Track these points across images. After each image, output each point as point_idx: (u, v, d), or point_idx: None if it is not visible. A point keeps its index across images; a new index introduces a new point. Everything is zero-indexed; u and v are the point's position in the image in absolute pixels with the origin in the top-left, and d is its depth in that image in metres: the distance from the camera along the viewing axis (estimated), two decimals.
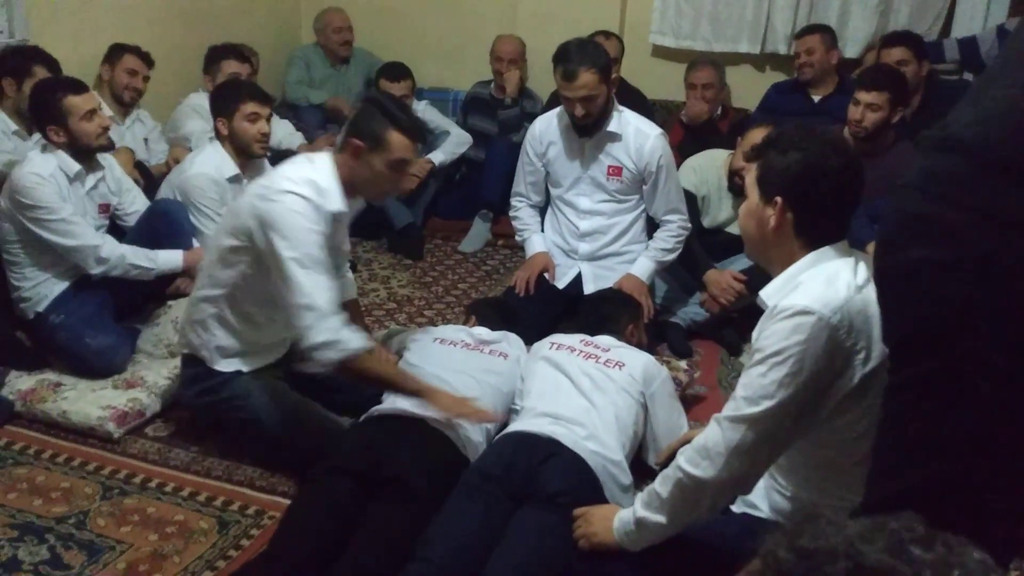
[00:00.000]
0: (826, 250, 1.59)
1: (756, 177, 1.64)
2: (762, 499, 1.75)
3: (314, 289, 2.13)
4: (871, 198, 2.00)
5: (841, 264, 1.57)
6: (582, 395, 2.24)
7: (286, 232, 2.16)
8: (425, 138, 2.36)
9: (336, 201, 2.28)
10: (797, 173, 1.57)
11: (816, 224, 1.59)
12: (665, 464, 1.74)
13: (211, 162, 3.14)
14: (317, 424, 2.38)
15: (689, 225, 3.22)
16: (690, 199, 3.29)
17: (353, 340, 2.14)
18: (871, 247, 2.57)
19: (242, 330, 2.40)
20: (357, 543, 1.92)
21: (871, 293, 1.56)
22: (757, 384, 1.52)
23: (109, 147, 2.99)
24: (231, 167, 3.16)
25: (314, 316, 2.12)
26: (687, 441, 1.72)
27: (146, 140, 3.86)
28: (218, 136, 3.18)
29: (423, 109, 4.52)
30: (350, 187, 2.33)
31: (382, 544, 1.92)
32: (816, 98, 4.13)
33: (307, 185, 2.23)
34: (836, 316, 1.48)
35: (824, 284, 1.52)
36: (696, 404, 2.83)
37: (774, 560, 0.57)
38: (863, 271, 1.57)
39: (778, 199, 1.58)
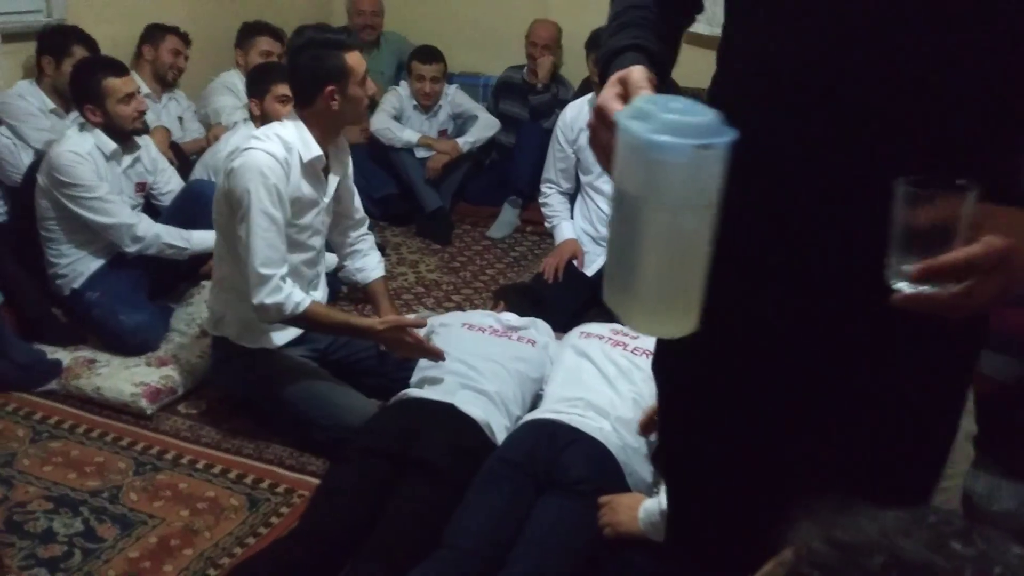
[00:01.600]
0: None
1: None
2: None
3: (261, 247, 2.27)
4: None
5: None
6: (606, 382, 2.24)
7: (242, 189, 2.27)
8: (354, 37, 2.51)
9: (312, 148, 2.38)
10: None
11: None
12: None
13: None
14: (347, 405, 2.40)
15: None
16: None
17: (296, 296, 2.32)
18: None
19: None
20: (385, 524, 1.95)
21: None
22: None
23: (143, 131, 3.02)
24: None
25: (256, 276, 2.27)
26: None
27: (180, 119, 3.90)
28: (251, 117, 3.21)
29: (453, 93, 4.52)
30: (329, 131, 2.44)
31: (409, 525, 1.94)
32: None
33: (272, 140, 2.34)
34: None
35: None
36: None
37: (808, 552, 0.56)
38: None
39: None
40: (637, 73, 0.95)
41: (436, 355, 2.39)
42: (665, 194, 0.83)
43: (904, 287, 0.84)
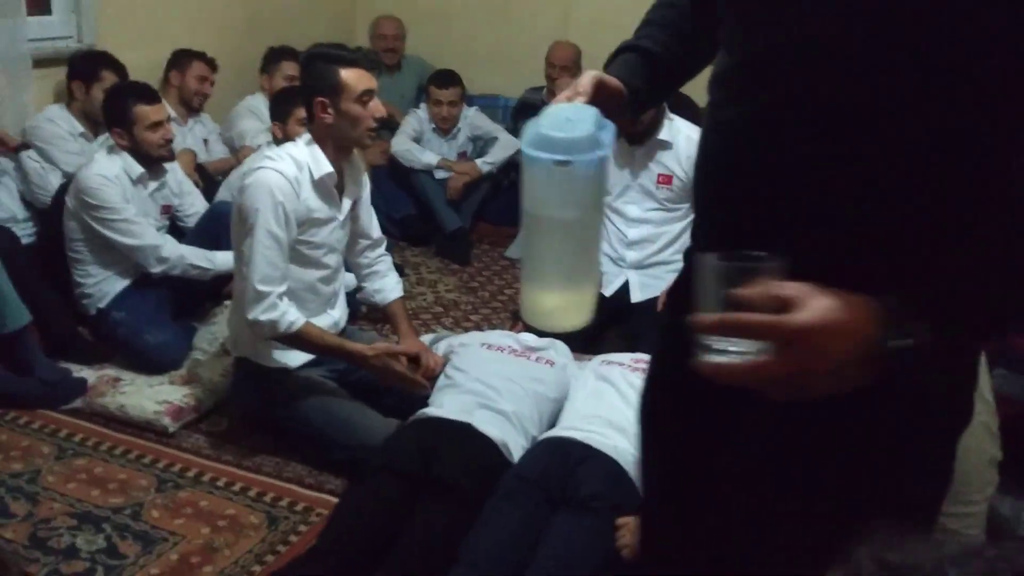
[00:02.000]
0: None
1: None
2: None
3: (261, 264, 2.32)
4: None
5: None
6: (624, 400, 2.25)
7: (250, 206, 2.33)
8: (375, 62, 2.50)
9: (322, 165, 2.41)
10: None
11: None
12: None
13: None
14: (365, 424, 2.42)
15: None
16: None
17: (290, 315, 2.36)
18: None
19: None
20: (402, 543, 1.96)
21: None
22: None
23: (169, 158, 3.07)
24: None
25: (254, 292, 2.32)
26: None
27: (206, 141, 3.97)
28: (274, 140, 3.26)
29: (472, 115, 4.57)
30: (337, 148, 2.46)
31: (426, 544, 1.95)
32: None
33: (284, 160, 2.38)
34: None
35: None
36: None
37: (856, 571, 0.56)
38: None
39: None
40: (583, 79, 0.98)
41: (421, 388, 2.46)
42: (534, 200, 0.91)
43: (707, 359, 0.83)
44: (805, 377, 0.80)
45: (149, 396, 2.70)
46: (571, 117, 0.91)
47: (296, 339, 2.42)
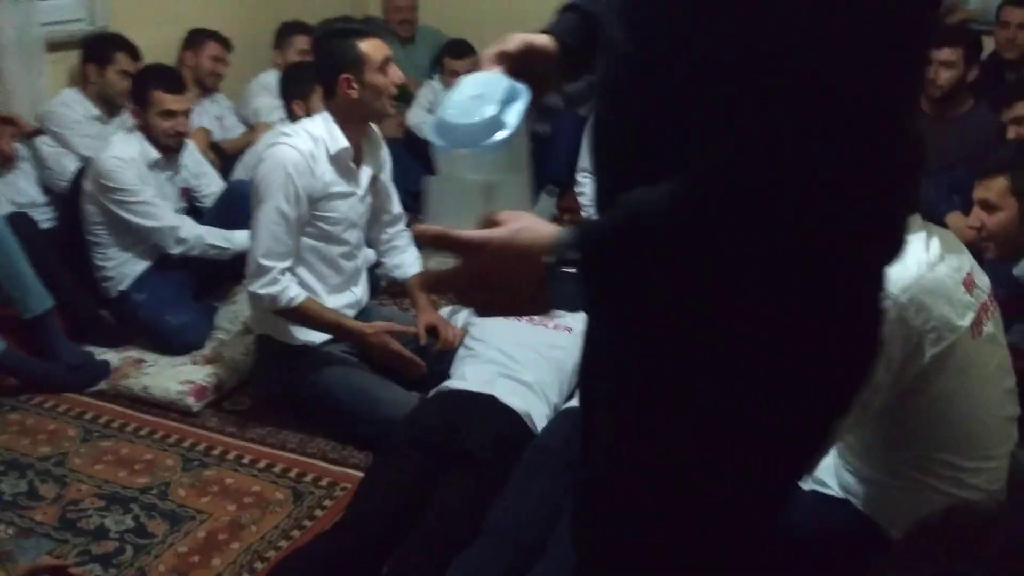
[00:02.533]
0: None
1: None
2: (831, 476, 1.72)
3: (265, 238, 2.34)
4: (950, 164, 1.87)
5: (913, 239, 1.50)
6: None
7: (262, 181, 2.35)
8: (387, 29, 2.49)
9: (339, 140, 2.40)
10: None
11: None
12: None
13: None
14: (388, 399, 2.42)
15: None
16: None
17: (291, 291, 2.37)
18: (951, 218, 2.47)
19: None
20: (427, 515, 1.96)
21: (943, 270, 1.50)
22: None
23: (176, 149, 3.05)
24: None
25: (255, 266, 2.35)
26: None
27: (220, 119, 3.96)
28: (291, 117, 3.23)
29: None
30: (359, 122, 2.46)
31: (451, 517, 1.95)
32: None
33: (300, 135, 2.38)
34: (905, 295, 1.43)
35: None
36: None
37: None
38: (936, 246, 1.51)
39: None
40: (511, 42, 1.03)
41: (417, 369, 2.47)
42: (446, 175, 0.96)
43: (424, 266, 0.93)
44: (488, 292, 0.88)
45: (172, 377, 2.71)
46: (480, 93, 0.94)
47: (295, 314, 2.42)
